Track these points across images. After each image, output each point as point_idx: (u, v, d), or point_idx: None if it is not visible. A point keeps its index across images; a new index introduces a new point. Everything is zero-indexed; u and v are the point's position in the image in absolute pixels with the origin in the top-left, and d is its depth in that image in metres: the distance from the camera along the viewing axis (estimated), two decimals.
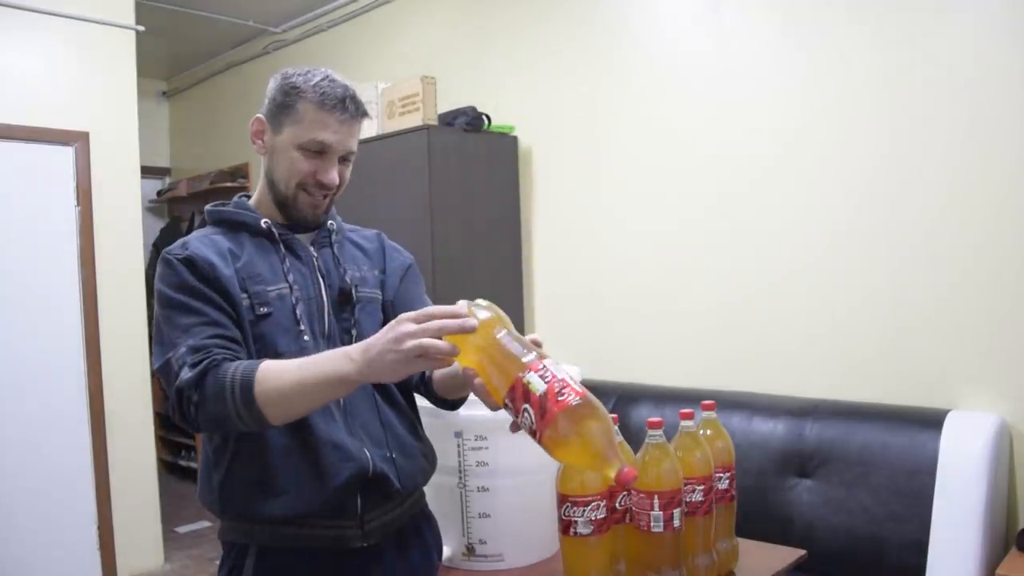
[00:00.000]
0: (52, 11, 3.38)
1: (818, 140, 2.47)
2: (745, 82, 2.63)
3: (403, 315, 0.98)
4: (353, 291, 1.28)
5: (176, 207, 5.67)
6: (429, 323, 0.95)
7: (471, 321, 0.96)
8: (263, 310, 1.18)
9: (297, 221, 1.27)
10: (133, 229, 3.65)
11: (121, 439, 3.54)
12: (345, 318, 1.27)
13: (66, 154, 3.43)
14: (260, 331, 1.18)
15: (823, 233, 2.47)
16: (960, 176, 2.20)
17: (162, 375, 1.11)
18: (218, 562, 1.25)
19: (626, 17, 2.96)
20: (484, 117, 3.21)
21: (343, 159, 1.24)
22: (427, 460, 1.33)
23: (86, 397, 3.45)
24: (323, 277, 1.27)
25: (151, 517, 3.69)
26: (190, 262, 1.16)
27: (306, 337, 1.20)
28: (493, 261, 3.26)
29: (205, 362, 1.07)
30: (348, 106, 1.21)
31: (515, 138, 3.32)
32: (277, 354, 1.17)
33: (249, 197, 1.32)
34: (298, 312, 1.21)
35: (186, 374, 1.06)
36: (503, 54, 3.38)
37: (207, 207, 1.31)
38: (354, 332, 1.26)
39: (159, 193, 5.69)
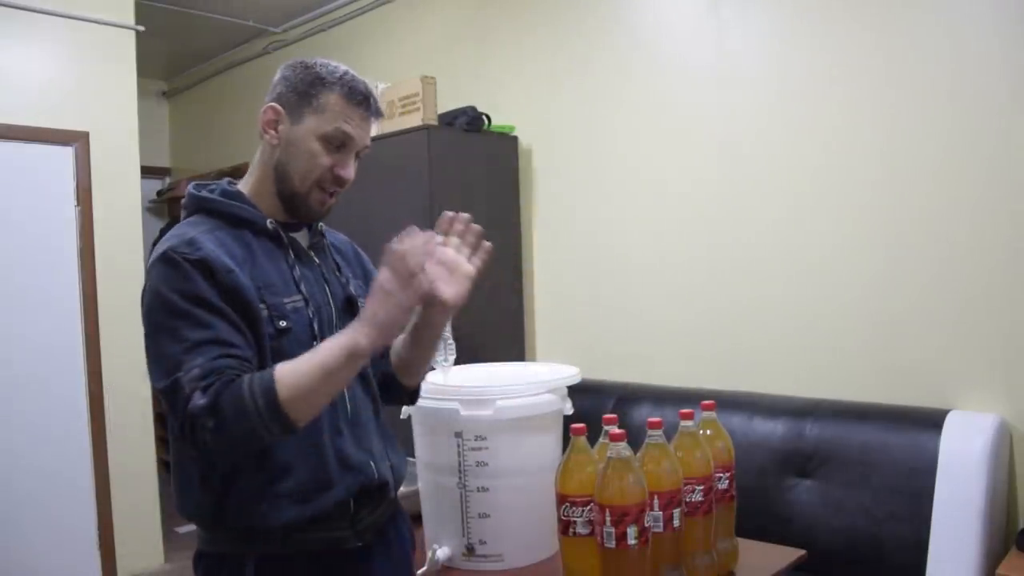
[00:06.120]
0: (52, 11, 3.37)
1: (819, 140, 2.47)
2: (745, 82, 2.63)
3: (375, 281, 1.04)
4: (358, 300, 1.28)
5: (176, 207, 5.66)
6: (404, 267, 1.02)
7: (434, 238, 1.11)
8: (283, 324, 1.14)
9: (300, 217, 1.24)
10: (133, 229, 3.65)
11: (121, 439, 3.53)
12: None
13: (66, 154, 3.43)
14: (280, 347, 1.13)
15: (823, 232, 2.47)
16: (961, 176, 2.19)
17: (166, 396, 1.04)
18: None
19: (626, 17, 2.96)
20: (484, 117, 3.20)
21: (356, 155, 1.24)
22: (403, 459, 1.35)
23: (86, 397, 3.44)
24: (327, 284, 1.26)
25: (151, 517, 3.68)
26: (206, 266, 1.08)
27: None
28: (492, 261, 3.23)
29: (217, 384, 1.01)
30: (371, 104, 1.21)
31: (515, 138, 3.32)
32: None
33: (234, 182, 1.24)
34: (315, 327, 1.19)
35: (199, 399, 1.00)
36: (503, 54, 3.38)
37: (192, 190, 1.22)
38: None
39: (159, 193, 5.69)
